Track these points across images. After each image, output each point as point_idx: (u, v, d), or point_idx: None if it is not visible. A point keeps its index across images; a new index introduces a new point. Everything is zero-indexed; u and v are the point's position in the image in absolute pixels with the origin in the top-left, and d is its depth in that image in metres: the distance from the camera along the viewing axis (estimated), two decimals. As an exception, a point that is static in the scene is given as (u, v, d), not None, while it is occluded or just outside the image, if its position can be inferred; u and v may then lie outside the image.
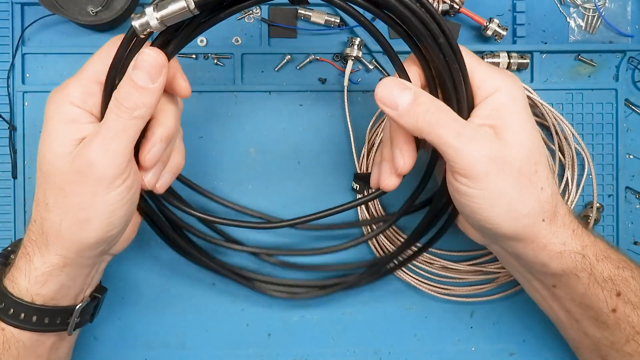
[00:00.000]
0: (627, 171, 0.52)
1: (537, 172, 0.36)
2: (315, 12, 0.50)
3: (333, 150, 0.51)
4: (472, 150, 0.34)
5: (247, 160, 0.51)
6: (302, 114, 0.51)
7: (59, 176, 0.36)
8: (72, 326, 0.41)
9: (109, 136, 0.35)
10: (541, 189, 0.36)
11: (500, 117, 0.36)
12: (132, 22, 0.33)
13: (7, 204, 0.50)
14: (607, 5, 0.52)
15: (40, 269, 0.37)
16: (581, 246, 0.38)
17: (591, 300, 0.39)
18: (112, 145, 0.35)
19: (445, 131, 0.34)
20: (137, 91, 0.34)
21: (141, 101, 0.34)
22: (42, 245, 0.37)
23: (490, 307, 0.52)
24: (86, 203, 0.35)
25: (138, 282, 0.51)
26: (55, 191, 0.36)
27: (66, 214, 0.36)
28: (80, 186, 0.35)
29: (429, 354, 0.52)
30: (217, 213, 0.50)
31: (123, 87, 0.35)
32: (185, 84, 0.39)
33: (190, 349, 0.51)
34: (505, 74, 0.37)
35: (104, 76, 0.36)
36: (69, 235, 0.36)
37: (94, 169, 0.35)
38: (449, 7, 0.49)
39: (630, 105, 0.52)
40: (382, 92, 0.35)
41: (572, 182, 0.49)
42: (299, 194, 0.51)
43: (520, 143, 0.36)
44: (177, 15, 0.32)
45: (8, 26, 0.49)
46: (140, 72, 0.34)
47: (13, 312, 0.38)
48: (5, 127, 0.49)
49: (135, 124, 0.35)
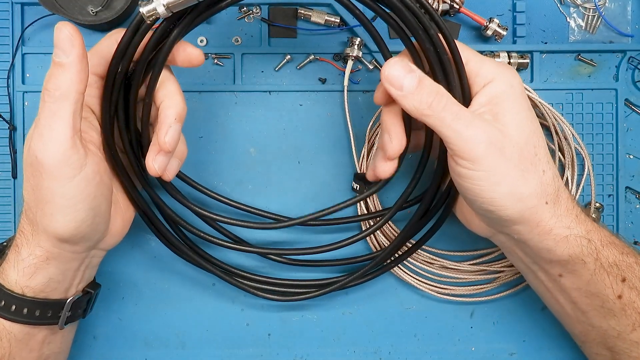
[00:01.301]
0: (627, 171, 0.52)
1: (537, 154, 0.37)
2: (315, 12, 0.50)
3: (333, 150, 0.51)
4: (473, 133, 0.35)
5: (247, 160, 0.51)
6: (302, 114, 0.51)
7: (25, 169, 0.36)
8: (64, 320, 0.41)
9: (41, 124, 0.34)
10: (542, 171, 0.37)
11: (498, 104, 0.37)
12: (140, 9, 0.34)
13: (7, 204, 0.50)
14: (607, 5, 0.52)
15: (27, 261, 0.38)
16: (586, 231, 0.38)
17: (597, 287, 0.39)
18: (46, 133, 0.34)
19: (446, 114, 0.35)
20: (56, 69, 0.33)
21: (61, 79, 0.33)
22: (29, 236, 0.38)
23: (490, 307, 0.52)
24: (47, 197, 0.35)
25: (138, 282, 0.51)
26: (27, 184, 0.36)
27: (37, 207, 0.36)
28: (37, 179, 0.35)
29: (429, 354, 0.52)
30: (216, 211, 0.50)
31: (48, 71, 0.34)
32: (196, 51, 0.38)
33: (190, 349, 0.51)
34: (500, 64, 0.38)
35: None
36: (42, 228, 0.37)
37: (38, 160, 0.34)
38: (449, 7, 0.49)
39: (630, 105, 0.52)
40: (390, 72, 0.35)
41: (571, 182, 0.49)
42: (299, 194, 0.51)
43: (518, 127, 0.36)
44: (183, 2, 0.34)
45: (8, 26, 0.49)
46: (55, 49, 0.33)
47: (4, 304, 0.38)
48: (5, 127, 0.49)
49: (63, 107, 0.34)
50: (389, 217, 0.45)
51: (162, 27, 0.36)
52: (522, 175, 0.36)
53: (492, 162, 0.35)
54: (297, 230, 0.51)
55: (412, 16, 0.35)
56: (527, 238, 0.39)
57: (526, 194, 0.37)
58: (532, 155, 0.37)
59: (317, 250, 0.47)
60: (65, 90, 0.34)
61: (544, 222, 0.37)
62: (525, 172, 0.36)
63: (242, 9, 0.50)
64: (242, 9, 0.50)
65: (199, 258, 0.47)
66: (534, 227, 0.38)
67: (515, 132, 0.36)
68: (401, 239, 0.46)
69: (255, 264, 0.51)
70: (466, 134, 0.35)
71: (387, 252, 0.46)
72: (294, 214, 0.51)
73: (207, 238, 0.46)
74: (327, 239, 0.49)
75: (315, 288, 0.48)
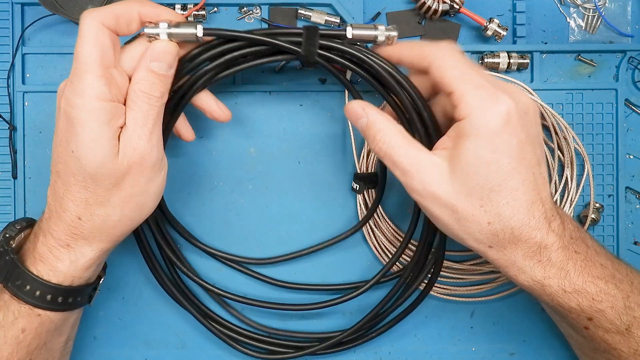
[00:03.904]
0: (627, 171, 0.52)
1: (482, 206, 0.36)
2: (315, 12, 0.50)
3: (333, 150, 0.51)
4: (421, 177, 0.37)
5: (247, 160, 0.51)
6: (302, 114, 0.51)
7: (114, 175, 0.37)
8: (93, 299, 0.44)
9: (149, 126, 0.37)
10: (488, 223, 0.37)
11: (457, 146, 0.36)
12: (145, 30, 0.38)
13: (7, 204, 0.50)
14: (607, 5, 0.52)
15: (89, 256, 0.39)
16: (543, 277, 0.38)
17: (562, 316, 0.41)
18: (155, 133, 0.38)
19: (392, 155, 0.38)
20: (159, 79, 0.38)
21: (165, 88, 0.38)
22: (93, 238, 0.39)
23: (490, 307, 0.52)
24: (142, 189, 0.39)
25: (138, 282, 0.51)
26: (110, 189, 0.38)
27: (125, 204, 0.39)
28: (136, 178, 0.38)
29: (429, 353, 0.52)
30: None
31: (144, 79, 0.37)
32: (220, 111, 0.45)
33: (190, 349, 0.51)
34: (490, 96, 0.36)
35: (107, 59, 0.36)
36: (127, 221, 0.40)
37: (146, 159, 0.38)
38: (449, 7, 0.49)
39: (630, 105, 0.52)
40: (348, 112, 0.41)
41: (571, 181, 0.49)
42: (299, 194, 0.51)
43: (468, 175, 0.36)
44: (185, 37, 0.38)
45: (8, 26, 0.49)
46: (159, 63, 0.37)
47: (51, 297, 0.39)
48: (5, 127, 0.49)
49: (162, 109, 0.39)
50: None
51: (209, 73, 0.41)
52: (457, 221, 0.37)
53: (429, 207, 0.38)
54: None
55: (390, 76, 0.40)
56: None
57: (464, 238, 0.38)
58: (477, 207, 0.36)
59: (322, 305, 0.48)
60: (161, 97, 0.38)
61: (494, 260, 0.39)
62: (461, 220, 0.37)
63: (242, 9, 0.50)
64: (242, 9, 0.50)
65: (179, 294, 0.48)
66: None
67: (461, 178, 0.36)
68: (403, 245, 0.46)
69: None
70: (415, 177, 0.37)
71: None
72: (294, 213, 0.51)
73: (213, 290, 0.49)
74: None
75: (294, 349, 0.48)
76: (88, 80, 0.35)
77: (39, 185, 0.50)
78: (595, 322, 0.39)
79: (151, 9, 0.38)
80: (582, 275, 0.38)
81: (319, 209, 0.51)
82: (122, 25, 0.37)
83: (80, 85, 0.35)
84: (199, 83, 0.42)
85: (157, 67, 0.37)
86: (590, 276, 0.38)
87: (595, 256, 0.39)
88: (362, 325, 0.47)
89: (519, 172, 0.36)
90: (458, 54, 0.38)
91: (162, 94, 0.38)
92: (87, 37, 0.36)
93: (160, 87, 0.38)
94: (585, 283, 0.38)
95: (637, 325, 0.39)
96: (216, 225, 0.51)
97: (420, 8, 0.50)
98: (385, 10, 0.51)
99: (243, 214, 0.51)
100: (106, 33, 0.36)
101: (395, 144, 0.38)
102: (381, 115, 0.40)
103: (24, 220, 0.43)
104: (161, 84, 0.38)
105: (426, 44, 0.39)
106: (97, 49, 0.36)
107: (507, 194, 0.36)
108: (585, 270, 0.38)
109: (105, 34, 0.36)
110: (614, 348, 0.40)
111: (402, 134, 0.39)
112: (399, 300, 0.48)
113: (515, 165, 0.36)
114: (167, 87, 0.38)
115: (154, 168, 0.39)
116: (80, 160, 0.36)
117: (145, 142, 0.37)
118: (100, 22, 0.36)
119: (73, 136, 0.36)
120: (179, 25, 0.38)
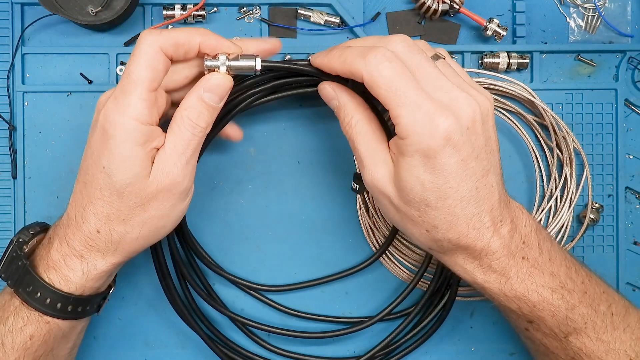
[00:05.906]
0: (627, 171, 0.52)
1: (420, 217, 0.36)
2: (315, 12, 0.50)
3: (333, 150, 0.51)
4: (372, 170, 0.38)
5: (247, 160, 0.51)
6: (302, 114, 0.51)
7: (140, 195, 0.37)
8: (102, 308, 0.44)
9: (187, 155, 0.37)
10: (426, 231, 0.37)
11: (397, 158, 0.36)
12: (205, 62, 0.38)
13: (7, 204, 0.50)
14: (607, 5, 0.52)
15: (101, 268, 0.39)
16: (499, 289, 0.38)
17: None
18: (191, 162, 0.38)
19: (354, 141, 0.39)
20: (208, 110, 0.38)
21: (212, 119, 0.38)
22: (108, 252, 0.39)
23: (490, 307, 0.51)
24: (165, 214, 0.39)
25: (138, 282, 0.51)
26: (134, 209, 0.38)
27: (145, 224, 0.38)
28: (161, 202, 0.38)
29: (429, 354, 0.52)
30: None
31: (194, 107, 0.37)
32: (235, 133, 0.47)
33: (190, 349, 0.51)
34: (423, 125, 0.34)
35: (156, 83, 0.36)
36: (143, 240, 0.39)
37: (176, 187, 0.38)
38: (448, 7, 0.49)
39: (630, 105, 0.52)
40: (321, 92, 0.41)
41: (570, 179, 0.49)
42: (299, 194, 0.51)
43: (406, 187, 0.36)
44: (243, 69, 0.38)
45: (8, 26, 0.49)
46: (212, 95, 0.37)
47: (61, 306, 0.39)
48: (5, 127, 0.49)
49: (203, 140, 0.39)
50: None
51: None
52: (401, 220, 0.38)
53: (375, 197, 0.39)
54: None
55: None
56: None
57: (409, 235, 0.39)
58: (415, 215, 0.36)
59: (332, 335, 0.48)
60: (205, 127, 0.38)
61: (438, 259, 0.40)
62: (404, 220, 0.38)
63: (241, 9, 0.50)
64: (242, 9, 0.50)
65: (187, 313, 0.48)
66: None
67: (400, 187, 0.36)
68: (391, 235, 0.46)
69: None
70: (371, 170, 0.38)
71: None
72: (294, 213, 0.51)
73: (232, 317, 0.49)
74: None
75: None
76: (132, 100, 0.35)
77: (38, 185, 0.50)
78: (535, 326, 0.39)
79: (213, 41, 0.38)
80: (525, 283, 0.38)
81: (319, 209, 0.51)
82: (179, 53, 0.37)
83: (124, 103, 0.35)
84: (241, 105, 0.43)
85: (208, 98, 0.37)
86: (534, 284, 0.38)
87: (547, 263, 0.38)
88: (375, 353, 0.48)
89: (457, 190, 0.35)
90: (391, 64, 0.34)
91: (207, 125, 0.38)
92: (142, 57, 0.36)
93: (207, 118, 0.38)
94: (527, 291, 0.38)
95: (575, 336, 0.39)
96: (216, 225, 0.51)
97: (420, 8, 0.50)
98: (385, 10, 0.51)
99: (243, 213, 0.51)
100: (162, 59, 0.36)
101: (360, 131, 0.38)
102: (352, 98, 0.40)
103: (38, 225, 0.42)
104: (209, 115, 0.38)
105: (356, 54, 0.35)
106: (149, 72, 0.35)
107: (444, 210, 0.35)
108: (530, 279, 0.38)
109: (161, 60, 0.36)
110: (552, 352, 0.40)
111: (367, 121, 0.39)
112: (414, 330, 0.49)
113: (453, 185, 0.35)
114: (213, 119, 0.38)
115: (181, 196, 0.39)
116: (111, 177, 0.36)
117: (180, 170, 0.37)
118: (160, 47, 0.36)
119: (106, 152, 0.36)
120: (238, 58, 0.38)
